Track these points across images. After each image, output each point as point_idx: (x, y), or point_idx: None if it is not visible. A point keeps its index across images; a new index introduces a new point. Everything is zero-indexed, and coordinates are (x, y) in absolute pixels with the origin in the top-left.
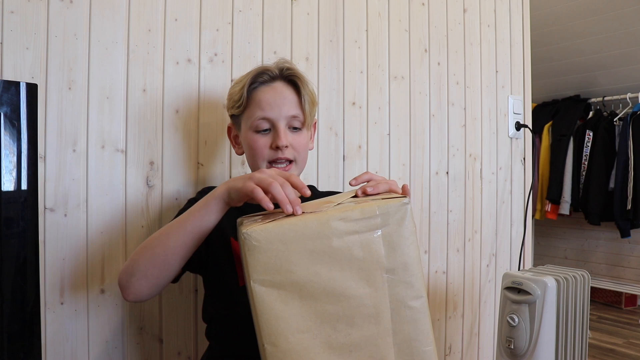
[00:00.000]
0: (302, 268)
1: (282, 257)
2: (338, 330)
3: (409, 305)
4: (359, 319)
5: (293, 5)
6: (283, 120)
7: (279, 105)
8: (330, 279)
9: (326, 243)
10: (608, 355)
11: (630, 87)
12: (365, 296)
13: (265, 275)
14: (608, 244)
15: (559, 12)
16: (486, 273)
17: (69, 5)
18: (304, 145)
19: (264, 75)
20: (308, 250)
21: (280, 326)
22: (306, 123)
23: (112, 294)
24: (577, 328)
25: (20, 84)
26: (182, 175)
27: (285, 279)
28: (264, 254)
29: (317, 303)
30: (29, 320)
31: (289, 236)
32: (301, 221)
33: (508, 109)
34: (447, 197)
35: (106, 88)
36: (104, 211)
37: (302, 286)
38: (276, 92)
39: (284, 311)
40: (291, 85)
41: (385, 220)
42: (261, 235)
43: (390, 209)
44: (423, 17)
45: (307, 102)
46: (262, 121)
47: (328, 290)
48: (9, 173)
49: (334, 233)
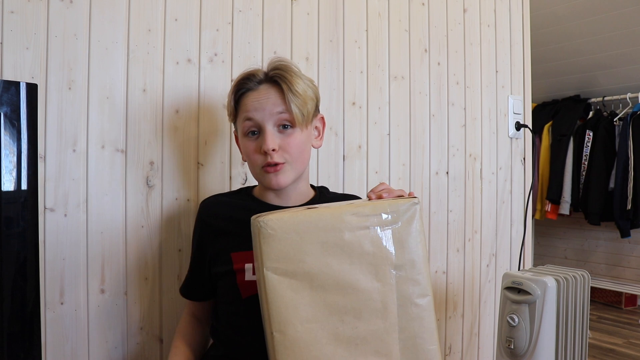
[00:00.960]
0: (314, 258)
1: (296, 246)
2: (346, 322)
3: (415, 302)
4: (367, 313)
5: (293, 5)
6: (269, 121)
7: (262, 105)
8: (341, 271)
9: (338, 236)
10: (608, 355)
11: (630, 87)
12: (374, 290)
13: (278, 263)
14: (608, 244)
15: (559, 12)
16: (486, 273)
17: (69, 5)
18: (298, 145)
19: (249, 82)
20: (321, 242)
21: (290, 314)
22: (296, 120)
23: (112, 294)
24: (577, 328)
25: (20, 84)
26: (182, 175)
27: (297, 268)
28: (278, 243)
29: (326, 294)
30: (29, 320)
31: (303, 227)
32: (316, 213)
33: (508, 109)
34: (447, 197)
35: (106, 88)
36: (104, 211)
37: (313, 276)
38: (260, 93)
39: (294, 300)
40: (277, 84)
41: (395, 218)
42: (277, 224)
43: (400, 207)
44: (423, 17)
45: (295, 97)
46: (249, 122)
47: (338, 281)
48: (9, 173)
49: (346, 227)
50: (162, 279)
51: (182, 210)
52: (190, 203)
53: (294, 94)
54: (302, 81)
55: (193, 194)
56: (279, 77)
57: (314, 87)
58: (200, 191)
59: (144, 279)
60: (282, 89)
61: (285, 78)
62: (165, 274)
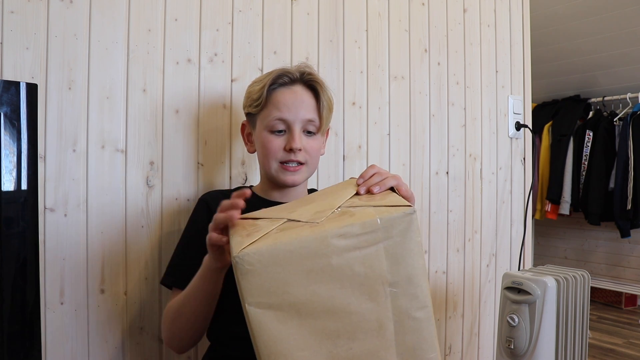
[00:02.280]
0: (299, 288)
1: (278, 278)
2: (339, 345)
3: (413, 316)
4: (361, 333)
5: (293, 5)
6: (299, 123)
7: (296, 108)
8: (330, 297)
9: (325, 262)
10: (608, 355)
11: (630, 87)
12: (367, 311)
13: (260, 298)
14: (608, 244)
15: (559, 12)
16: (486, 273)
17: (69, 5)
18: (317, 149)
19: (285, 77)
20: (305, 271)
21: (280, 346)
22: (321, 128)
23: (112, 294)
24: (577, 328)
25: (20, 84)
26: (182, 175)
27: (281, 300)
28: (257, 278)
29: (316, 321)
30: (29, 320)
31: (284, 257)
32: (297, 239)
33: (508, 109)
34: (447, 197)
35: (106, 88)
36: (104, 211)
37: (300, 306)
38: (295, 95)
39: (282, 332)
40: (310, 90)
41: (387, 232)
42: (254, 258)
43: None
44: (423, 17)
45: (324, 107)
46: (278, 122)
47: (328, 308)
48: (9, 173)
49: (333, 251)
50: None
51: (182, 210)
52: (190, 203)
53: (325, 104)
54: (328, 91)
55: (193, 194)
56: (315, 82)
57: (332, 98)
58: (200, 191)
59: (144, 279)
60: (316, 96)
61: (320, 86)
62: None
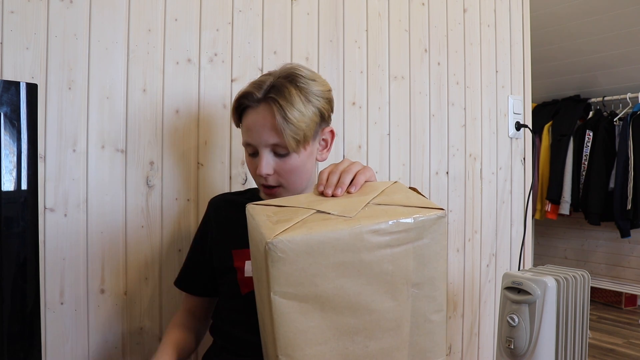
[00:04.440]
0: (327, 281)
1: (308, 269)
2: (356, 342)
3: (429, 318)
4: (379, 332)
5: (293, 5)
6: (264, 147)
7: (259, 132)
8: (356, 293)
9: (356, 257)
10: (608, 355)
11: (630, 87)
12: (389, 310)
13: (287, 287)
14: (608, 244)
15: (559, 12)
16: (486, 273)
17: (69, 5)
18: (293, 169)
19: (249, 98)
20: (336, 264)
21: (298, 338)
22: (290, 148)
23: (112, 294)
24: (577, 328)
25: (20, 84)
26: (182, 175)
27: (308, 292)
28: (288, 267)
29: (338, 316)
30: (29, 320)
31: (317, 248)
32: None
33: (508, 109)
34: (447, 197)
35: (106, 88)
36: (104, 211)
37: (325, 299)
38: (258, 117)
39: (303, 324)
40: (275, 107)
41: (419, 234)
42: (288, 246)
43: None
44: (423, 17)
45: (288, 125)
46: (247, 146)
47: (351, 303)
48: (9, 173)
49: (365, 246)
50: (162, 279)
51: (182, 210)
52: (190, 203)
53: (288, 121)
54: (301, 102)
55: (193, 194)
56: (272, 100)
57: (319, 101)
58: (200, 191)
59: (144, 279)
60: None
61: (280, 104)
62: (165, 274)
